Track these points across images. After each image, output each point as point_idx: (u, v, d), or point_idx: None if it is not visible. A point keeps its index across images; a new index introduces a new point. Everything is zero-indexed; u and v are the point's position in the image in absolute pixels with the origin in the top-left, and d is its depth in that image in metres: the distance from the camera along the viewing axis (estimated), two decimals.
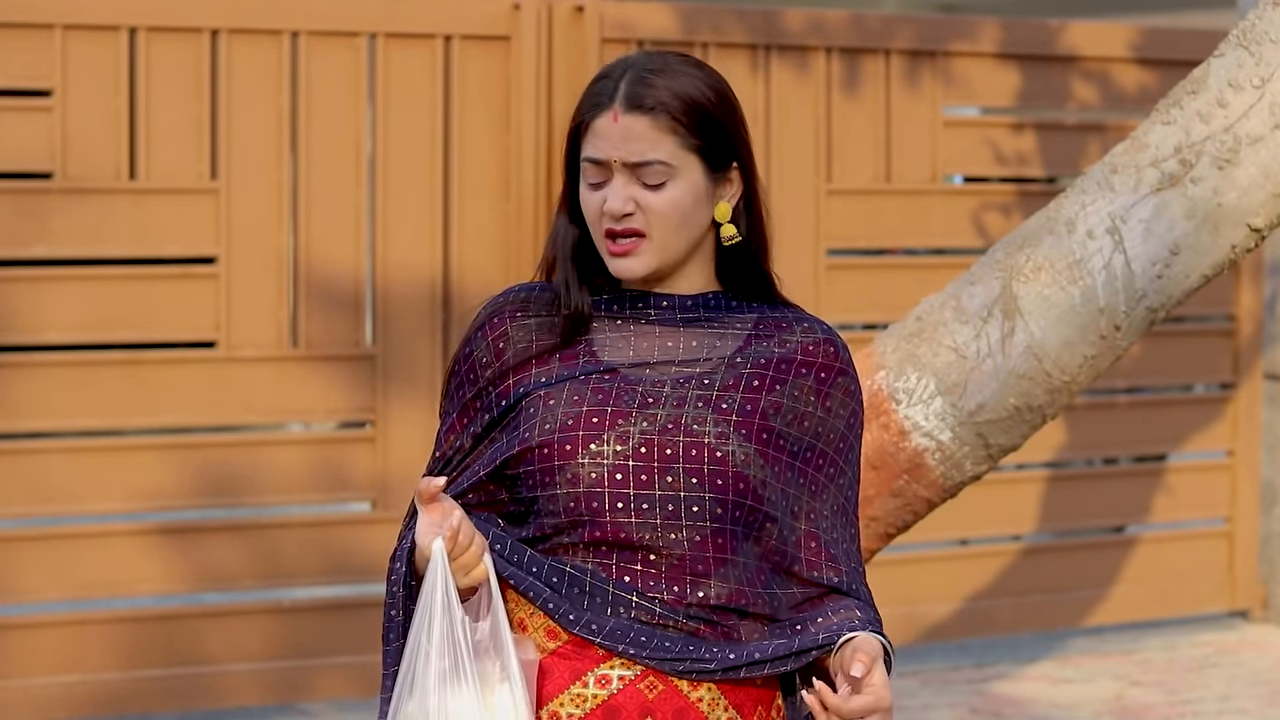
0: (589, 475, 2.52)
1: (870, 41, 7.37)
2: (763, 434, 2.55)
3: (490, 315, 2.65)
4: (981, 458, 4.33)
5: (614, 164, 2.55)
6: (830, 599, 2.60)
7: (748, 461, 2.53)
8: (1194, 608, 8.12)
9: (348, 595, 6.71)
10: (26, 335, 6.32)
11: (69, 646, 6.34)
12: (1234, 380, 8.12)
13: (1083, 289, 4.19)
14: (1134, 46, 7.79)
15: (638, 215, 2.55)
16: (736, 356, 2.60)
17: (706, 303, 2.63)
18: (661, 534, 2.52)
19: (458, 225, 6.79)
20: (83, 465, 6.38)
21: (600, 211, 2.56)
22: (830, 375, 2.61)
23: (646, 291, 2.63)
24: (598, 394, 2.56)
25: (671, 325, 2.62)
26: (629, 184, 2.55)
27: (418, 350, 6.68)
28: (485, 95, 6.83)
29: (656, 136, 2.54)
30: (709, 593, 2.53)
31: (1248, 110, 4.09)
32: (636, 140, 2.54)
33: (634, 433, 2.53)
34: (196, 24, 6.46)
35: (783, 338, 2.62)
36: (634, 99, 2.55)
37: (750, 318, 2.64)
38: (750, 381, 2.57)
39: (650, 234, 2.56)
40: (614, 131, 2.55)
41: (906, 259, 7.93)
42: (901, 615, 7.32)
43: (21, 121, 6.33)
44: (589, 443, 2.53)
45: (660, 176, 2.55)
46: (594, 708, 2.53)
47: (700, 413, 2.54)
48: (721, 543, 2.53)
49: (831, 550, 2.61)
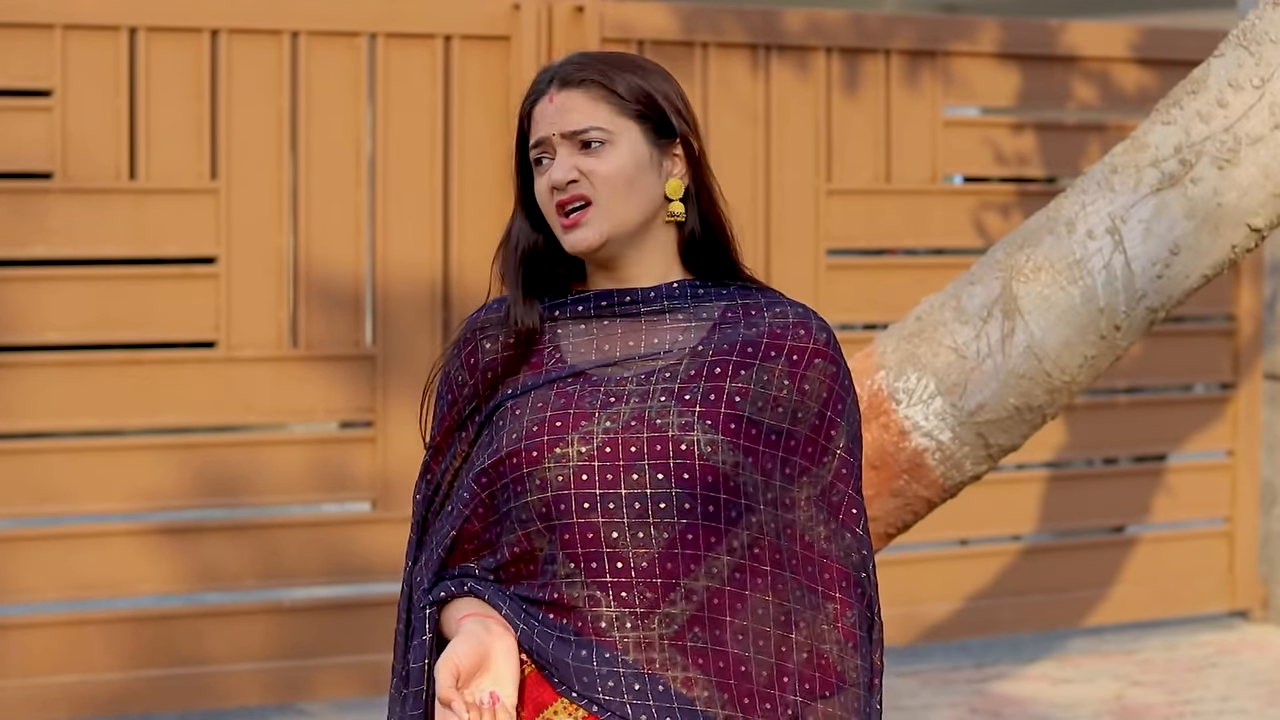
0: (555, 479, 2.51)
1: (870, 41, 7.38)
2: (730, 422, 2.52)
3: (464, 334, 2.67)
4: (981, 458, 4.33)
5: (553, 138, 2.59)
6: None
7: (715, 451, 2.50)
8: (1194, 608, 8.12)
9: (348, 595, 6.71)
10: (26, 335, 6.33)
11: (68, 646, 6.34)
12: (1234, 380, 8.12)
13: (1083, 289, 4.19)
14: (1134, 46, 7.79)
15: (582, 182, 2.58)
16: (699, 345, 2.58)
17: (671, 292, 2.62)
18: (630, 533, 2.49)
19: (458, 225, 6.80)
20: (83, 465, 6.38)
21: (549, 190, 2.59)
22: (803, 357, 2.58)
23: (609, 290, 2.63)
24: (561, 398, 2.56)
25: (633, 319, 2.62)
26: (570, 155, 2.58)
27: (418, 350, 6.68)
28: (485, 95, 6.83)
29: (591, 106, 2.59)
30: (680, 598, 2.49)
31: (1248, 110, 4.09)
32: (571, 112, 2.59)
33: (597, 432, 2.52)
34: (196, 24, 6.47)
35: (750, 321, 2.60)
36: (565, 76, 2.61)
37: (719, 305, 2.63)
38: (713, 369, 2.55)
39: (596, 200, 2.57)
40: (550, 110, 2.60)
41: (906, 259, 7.94)
42: (901, 615, 7.32)
43: (21, 121, 6.34)
44: (554, 446, 2.52)
45: (599, 141, 2.58)
46: (587, 714, 2.51)
47: (664, 406, 2.52)
48: (693, 539, 2.49)
49: (819, 547, 2.56)
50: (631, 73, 2.61)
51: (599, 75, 2.60)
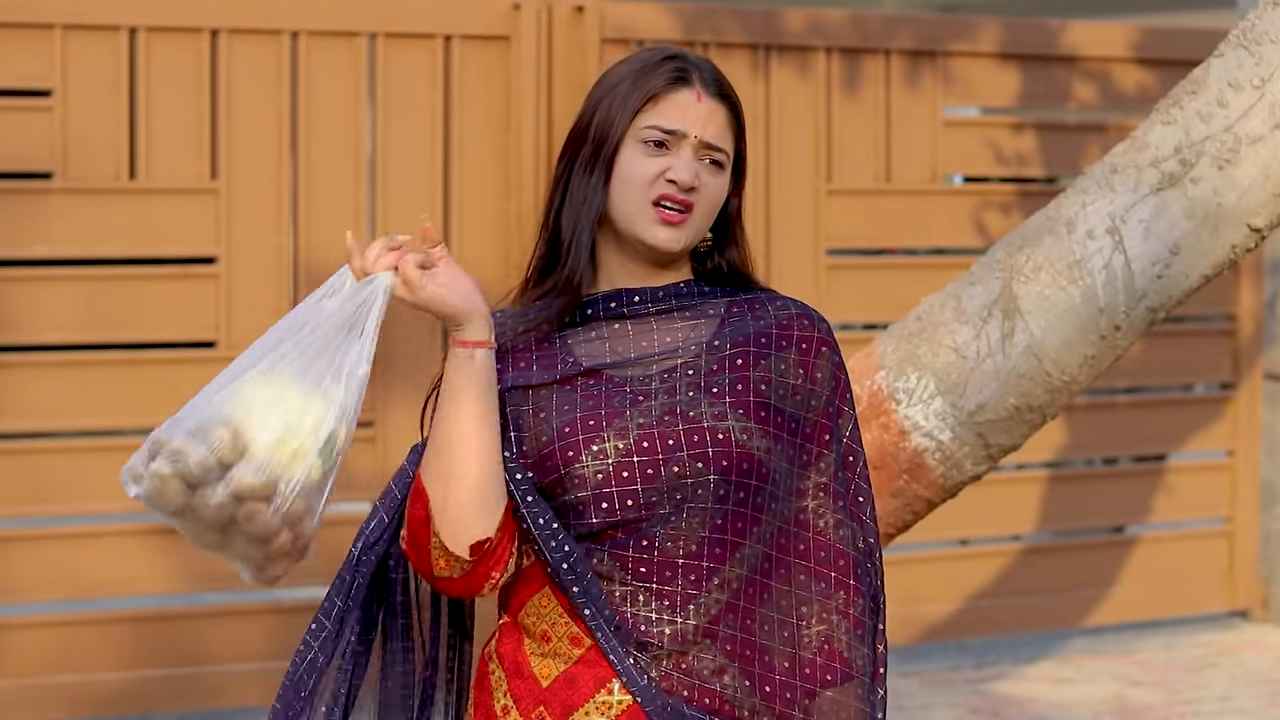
0: (595, 476, 2.52)
1: (870, 42, 7.38)
2: (760, 410, 2.56)
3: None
4: (981, 458, 4.33)
5: (692, 138, 2.59)
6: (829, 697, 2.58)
7: (750, 437, 2.54)
8: (1194, 608, 8.12)
9: None
10: (26, 335, 6.32)
11: (68, 646, 6.34)
12: (1234, 380, 8.12)
13: (1083, 289, 4.19)
14: (1134, 46, 7.79)
15: (696, 193, 2.60)
16: (714, 340, 2.61)
17: (679, 291, 2.65)
18: (670, 525, 2.52)
19: (458, 225, 6.80)
20: (83, 465, 6.37)
21: (657, 176, 2.58)
22: (811, 346, 2.62)
23: (617, 291, 2.64)
24: (588, 399, 2.57)
25: (644, 319, 2.64)
26: (693, 160, 2.60)
27: (418, 350, 6.68)
28: (485, 95, 6.83)
29: (727, 127, 2.63)
30: (716, 587, 2.52)
31: (1248, 110, 4.09)
32: (715, 124, 2.61)
33: (632, 427, 2.53)
34: (196, 24, 6.47)
35: (756, 315, 2.64)
36: (719, 86, 2.63)
37: (722, 302, 2.66)
38: (734, 360, 2.58)
39: (694, 213, 2.60)
40: (699, 109, 2.60)
41: (906, 259, 7.93)
42: (901, 615, 7.32)
43: (21, 121, 6.33)
44: (589, 444, 2.53)
45: (719, 163, 2.61)
46: (619, 714, 2.53)
47: (694, 398, 2.55)
48: (726, 525, 2.52)
49: (830, 535, 2.59)
50: (741, 110, 2.66)
51: (736, 100, 2.65)
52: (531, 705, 2.56)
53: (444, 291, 2.53)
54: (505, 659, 2.61)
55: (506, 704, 2.59)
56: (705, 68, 2.64)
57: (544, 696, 2.56)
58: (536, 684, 2.57)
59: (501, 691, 2.60)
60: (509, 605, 2.63)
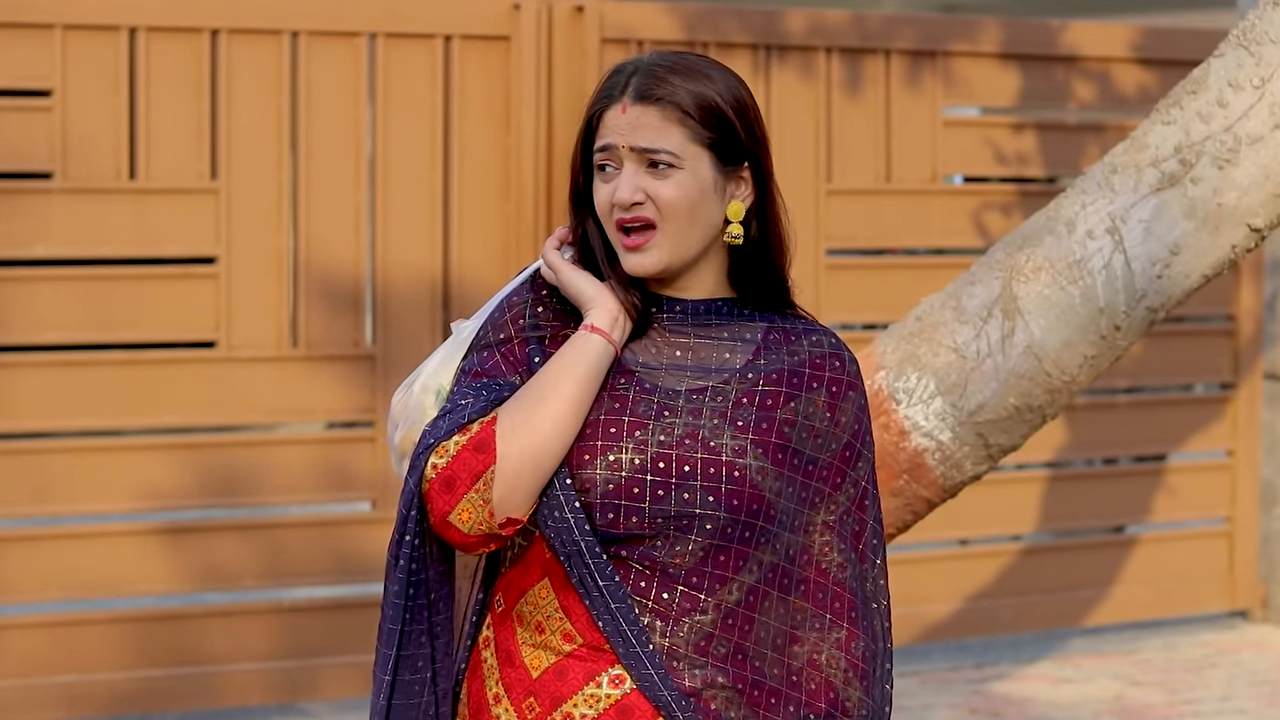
0: (605, 485, 2.51)
1: (871, 42, 7.38)
2: (779, 451, 2.54)
3: (505, 301, 2.65)
4: (981, 458, 4.33)
5: (622, 149, 2.54)
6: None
7: (765, 478, 2.52)
8: (1194, 608, 8.12)
9: (349, 595, 6.71)
10: (26, 335, 6.33)
11: (68, 646, 6.34)
12: (1234, 380, 8.12)
13: (1083, 289, 4.19)
14: (1134, 46, 7.79)
15: (647, 205, 2.54)
16: (749, 371, 2.58)
17: (717, 309, 2.62)
18: (670, 548, 2.51)
19: (458, 225, 6.80)
20: (83, 465, 6.38)
21: (610, 203, 2.56)
22: (841, 389, 2.60)
23: (657, 294, 2.62)
24: (615, 400, 2.56)
25: (682, 331, 2.61)
26: (637, 173, 2.55)
27: (418, 350, 6.67)
28: (485, 95, 6.83)
29: (664, 127, 2.54)
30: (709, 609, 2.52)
31: (1248, 110, 4.09)
32: (644, 129, 2.54)
33: (651, 443, 2.52)
34: (196, 24, 6.47)
35: (791, 348, 2.61)
36: (642, 89, 2.55)
37: (759, 326, 2.62)
38: (765, 398, 2.56)
39: (660, 225, 2.55)
40: (622, 121, 2.55)
41: (906, 259, 7.94)
42: (901, 615, 7.32)
43: (21, 121, 6.33)
44: (606, 451, 2.52)
45: (667, 164, 2.54)
46: (607, 708, 2.53)
47: (717, 426, 2.53)
48: (724, 560, 2.52)
49: (833, 574, 2.59)
50: (708, 90, 2.56)
51: (676, 95, 2.54)
52: (522, 695, 2.57)
53: (574, 275, 2.59)
54: (498, 647, 2.61)
55: (498, 692, 2.59)
56: (641, 71, 2.57)
57: (533, 687, 2.56)
58: (527, 674, 2.57)
59: (494, 680, 2.60)
60: (507, 593, 2.63)
